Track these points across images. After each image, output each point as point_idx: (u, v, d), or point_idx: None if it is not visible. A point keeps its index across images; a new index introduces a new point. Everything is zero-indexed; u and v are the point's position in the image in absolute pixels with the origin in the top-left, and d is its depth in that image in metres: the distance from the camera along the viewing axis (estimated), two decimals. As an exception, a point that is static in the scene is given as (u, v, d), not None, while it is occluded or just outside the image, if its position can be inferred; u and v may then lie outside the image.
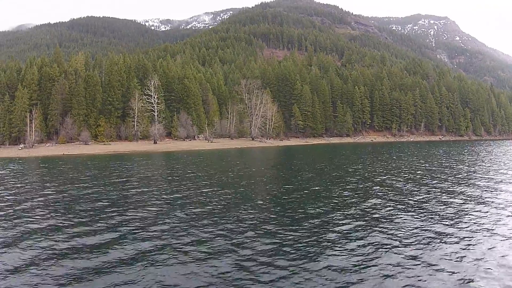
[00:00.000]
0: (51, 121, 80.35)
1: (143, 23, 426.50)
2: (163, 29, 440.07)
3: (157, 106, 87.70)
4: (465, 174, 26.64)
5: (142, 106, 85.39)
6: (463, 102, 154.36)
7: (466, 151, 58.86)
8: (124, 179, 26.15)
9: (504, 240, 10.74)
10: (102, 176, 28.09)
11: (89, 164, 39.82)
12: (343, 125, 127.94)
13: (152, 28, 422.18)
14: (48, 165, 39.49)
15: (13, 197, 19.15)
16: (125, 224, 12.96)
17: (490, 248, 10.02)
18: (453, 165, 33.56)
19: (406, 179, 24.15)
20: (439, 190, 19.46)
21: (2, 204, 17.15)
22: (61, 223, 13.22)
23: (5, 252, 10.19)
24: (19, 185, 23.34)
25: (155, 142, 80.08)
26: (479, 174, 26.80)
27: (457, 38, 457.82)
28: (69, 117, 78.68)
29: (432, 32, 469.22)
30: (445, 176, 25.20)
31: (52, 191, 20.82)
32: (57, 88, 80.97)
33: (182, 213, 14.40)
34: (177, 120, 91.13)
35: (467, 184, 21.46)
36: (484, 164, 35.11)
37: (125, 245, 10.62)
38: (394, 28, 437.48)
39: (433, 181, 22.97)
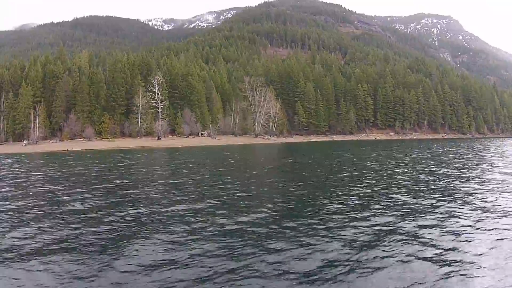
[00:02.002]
0: (55, 117, 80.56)
1: (147, 23, 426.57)
2: (167, 28, 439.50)
3: (161, 103, 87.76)
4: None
5: (146, 103, 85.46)
6: (466, 100, 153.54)
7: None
8: (129, 170, 26.19)
9: None
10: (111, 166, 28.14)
11: (95, 157, 39.91)
12: (346, 122, 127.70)
13: (156, 27, 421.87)
14: (56, 159, 39.60)
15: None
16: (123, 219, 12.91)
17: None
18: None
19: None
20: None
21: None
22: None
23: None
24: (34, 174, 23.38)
25: (159, 139, 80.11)
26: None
27: (460, 37, 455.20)
28: (73, 114, 78.89)
29: (435, 31, 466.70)
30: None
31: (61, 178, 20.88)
32: (61, 85, 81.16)
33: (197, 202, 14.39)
34: (180, 117, 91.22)
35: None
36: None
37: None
38: (397, 27, 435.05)
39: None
